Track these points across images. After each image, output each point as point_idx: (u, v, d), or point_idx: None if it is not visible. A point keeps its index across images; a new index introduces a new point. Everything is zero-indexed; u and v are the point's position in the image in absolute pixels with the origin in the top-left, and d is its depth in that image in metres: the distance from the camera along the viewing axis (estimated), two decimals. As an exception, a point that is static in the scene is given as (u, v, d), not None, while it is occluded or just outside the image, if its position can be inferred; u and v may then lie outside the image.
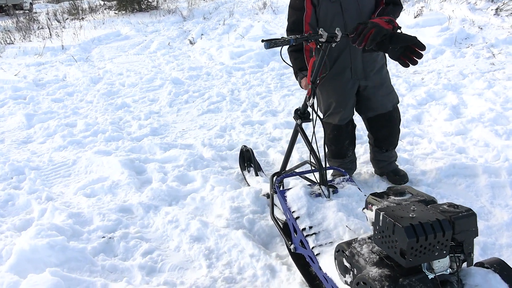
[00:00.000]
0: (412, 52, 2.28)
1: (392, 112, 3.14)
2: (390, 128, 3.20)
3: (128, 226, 3.02)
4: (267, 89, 5.97)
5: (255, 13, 12.88)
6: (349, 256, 1.83)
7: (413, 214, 1.65)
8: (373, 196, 1.96)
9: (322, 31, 2.19)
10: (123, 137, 4.51)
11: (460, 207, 1.76)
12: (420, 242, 1.58)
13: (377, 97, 3.05)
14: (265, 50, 7.90)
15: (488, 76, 5.81)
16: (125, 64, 7.96)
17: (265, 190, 3.17)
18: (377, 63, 2.97)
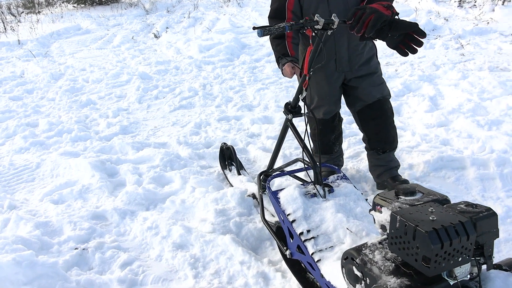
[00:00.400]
0: (412, 40, 2.14)
1: (381, 102, 2.90)
2: (380, 121, 2.95)
3: (103, 235, 2.76)
4: (240, 83, 5.76)
5: (220, 6, 12.62)
6: (361, 264, 1.66)
7: (434, 217, 1.50)
8: (381, 196, 1.80)
9: (318, 17, 2.01)
10: (91, 137, 4.20)
11: (479, 207, 1.62)
12: (445, 248, 1.43)
13: (363, 86, 2.86)
14: (235, 43, 7.70)
15: (460, 67, 5.81)
16: (88, 59, 7.56)
17: (250, 190, 2.98)
18: (364, 55, 2.80)
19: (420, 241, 1.44)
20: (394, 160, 3.11)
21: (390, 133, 3.01)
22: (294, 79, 3.32)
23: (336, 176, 2.44)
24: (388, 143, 3.02)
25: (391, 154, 3.07)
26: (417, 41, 2.13)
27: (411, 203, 1.70)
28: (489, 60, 6.06)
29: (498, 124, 3.88)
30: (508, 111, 4.13)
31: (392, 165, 3.08)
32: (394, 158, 3.11)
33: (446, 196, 1.76)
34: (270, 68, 6.31)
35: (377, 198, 1.80)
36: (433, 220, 1.49)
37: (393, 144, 3.05)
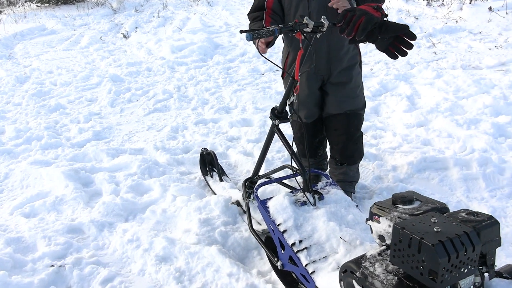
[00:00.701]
0: (401, 42, 2.08)
1: (348, 115, 2.77)
2: (341, 133, 2.81)
3: (81, 250, 2.61)
4: (216, 84, 5.64)
5: (189, 5, 12.43)
6: (361, 278, 1.59)
7: (438, 228, 1.45)
8: (379, 205, 1.74)
9: (307, 20, 1.93)
10: (62, 144, 4.01)
11: (481, 215, 1.58)
12: (452, 260, 1.38)
13: (335, 95, 2.75)
14: (207, 43, 7.56)
15: (434, 66, 5.87)
16: (55, 61, 7.27)
17: (234, 197, 2.88)
18: (344, 61, 2.68)
19: (426, 254, 1.38)
20: (349, 175, 2.97)
21: (348, 148, 2.86)
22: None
23: (325, 182, 2.37)
24: (345, 157, 2.89)
25: (349, 167, 2.94)
26: (407, 43, 2.08)
27: (410, 213, 1.65)
28: (461, 58, 6.15)
29: (477, 123, 3.91)
30: (484, 110, 4.17)
31: (346, 179, 2.97)
32: (350, 172, 2.96)
33: (444, 204, 1.72)
34: (245, 69, 6.22)
35: (374, 208, 1.74)
36: (438, 231, 1.43)
37: (351, 160, 2.91)
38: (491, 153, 3.42)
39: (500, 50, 6.41)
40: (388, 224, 1.64)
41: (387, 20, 2.06)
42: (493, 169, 3.17)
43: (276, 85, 5.45)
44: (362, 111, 2.83)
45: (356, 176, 3.01)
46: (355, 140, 2.85)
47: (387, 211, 1.69)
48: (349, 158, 2.89)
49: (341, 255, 1.98)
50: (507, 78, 5.04)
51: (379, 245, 1.74)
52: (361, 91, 2.81)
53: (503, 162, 3.26)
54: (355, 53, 2.72)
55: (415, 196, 1.76)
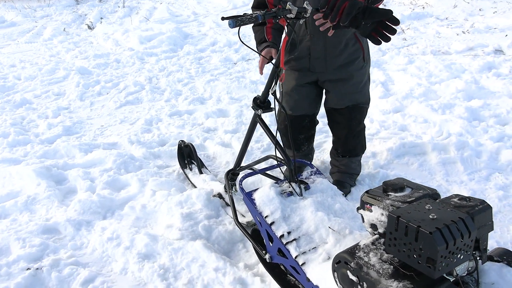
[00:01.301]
0: (385, 28, 2.05)
1: (350, 109, 2.74)
2: (345, 128, 2.82)
3: (58, 251, 2.50)
4: (188, 74, 5.52)
5: (155, -6, 12.14)
6: (356, 268, 1.56)
7: (434, 215, 1.43)
8: (370, 194, 1.71)
9: (290, 5, 1.88)
10: (31, 140, 3.82)
11: (473, 200, 1.58)
12: (449, 247, 1.36)
13: (336, 92, 2.71)
14: (176, 33, 7.40)
15: (405, 52, 5.93)
16: (17, 54, 6.96)
17: (216, 190, 2.82)
18: (341, 58, 2.60)
19: (423, 242, 1.36)
20: (351, 167, 2.97)
21: (350, 141, 2.86)
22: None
23: (309, 171, 2.34)
24: (347, 151, 2.90)
25: (350, 160, 2.94)
26: (390, 29, 2.05)
27: (403, 200, 1.63)
28: (430, 44, 6.23)
29: (451, 108, 3.96)
30: (457, 94, 4.23)
31: (347, 170, 2.97)
32: (352, 165, 2.97)
33: (435, 190, 1.71)
34: (217, 58, 6.12)
35: (366, 196, 1.72)
36: (434, 218, 1.42)
37: (353, 152, 2.92)
38: (467, 137, 3.47)
39: (467, 35, 6.53)
40: (381, 212, 1.62)
41: (370, 6, 2.02)
42: (470, 152, 3.21)
43: (250, 74, 5.39)
44: (366, 105, 2.80)
45: (358, 169, 3.00)
46: (356, 133, 2.84)
47: (379, 199, 1.66)
48: (351, 151, 2.90)
49: (331, 245, 1.96)
50: (476, 62, 5.14)
51: (371, 234, 1.72)
52: (364, 86, 2.75)
53: (479, 145, 3.31)
54: (356, 48, 2.62)
55: (405, 183, 1.74)
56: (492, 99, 4.16)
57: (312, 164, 2.43)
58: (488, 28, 6.69)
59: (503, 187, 2.91)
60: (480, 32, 6.55)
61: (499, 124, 3.72)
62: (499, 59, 5.22)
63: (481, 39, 6.14)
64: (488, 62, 5.06)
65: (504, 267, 1.63)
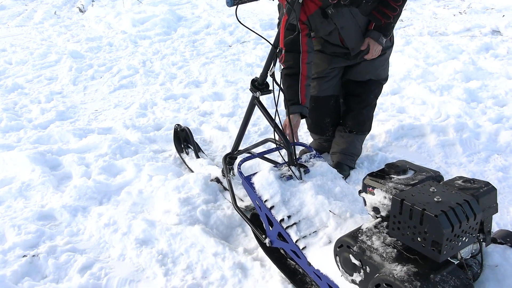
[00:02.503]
0: (386, 6, 2.01)
1: (370, 83, 2.75)
2: (360, 100, 2.81)
3: (54, 237, 2.46)
4: (183, 57, 5.43)
5: (148, -24, 11.91)
6: (359, 252, 1.54)
7: (438, 198, 1.41)
8: (372, 177, 1.69)
9: (290, -17, 1.82)
10: (24, 126, 3.75)
11: (477, 182, 1.55)
12: (455, 231, 1.34)
13: (359, 68, 2.71)
14: (170, 15, 7.28)
15: (402, 33, 5.87)
16: (7, 38, 6.82)
17: (213, 174, 2.79)
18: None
19: (429, 225, 1.34)
20: (354, 146, 2.92)
21: (363, 114, 2.86)
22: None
23: (308, 155, 2.30)
24: (357, 125, 2.87)
25: (356, 138, 2.90)
26: (391, 7, 2.01)
27: (406, 183, 1.60)
28: (427, 25, 6.17)
29: (449, 89, 3.92)
30: (455, 76, 4.20)
31: (349, 150, 2.91)
32: (356, 143, 2.93)
33: (438, 172, 1.68)
34: (211, 41, 6.03)
35: (368, 180, 1.69)
36: (439, 201, 1.39)
37: (362, 128, 2.89)
38: (465, 118, 3.45)
39: (464, 16, 6.48)
40: (384, 195, 1.60)
41: (371, -17, 1.97)
42: (469, 134, 3.19)
43: (245, 57, 5.31)
44: (384, 82, 2.82)
45: (360, 150, 2.97)
46: (370, 107, 2.86)
47: (381, 182, 1.64)
48: (361, 125, 2.88)
49: (331, 229, 1.94)
50: (474, 43, 5.10)
51: (373, 217, 1.69)
52: (387, 63, 2.77)
53: (478, 127, 3.29)
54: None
55: (408, 165, 1.71)
56: (490, 80, 4.13)
57: (311, 148, 2.40)
58: (485, 8, 6.63)
59: (502, 168, 2.89)
60: (477, 12, 6.49)
61: (498, 105, 3.70)
62: (496, 39, 5.18)
63: (478, 19, 6.09)
64: (486, 43, 5.02)
65: (507, 249, 1.61)
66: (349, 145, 2.89)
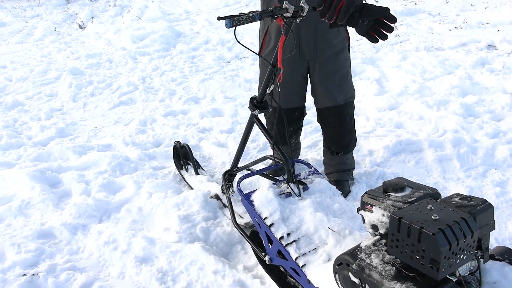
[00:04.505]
0: (382, 26, 2.04)
1: (342, 107, 2.76)
2: (339, 126, 2.82)
3: (54, 256, 2.47)
4: (182, 74, 5.48)
5: (147, -8, 12.05)
6: (358, 270, 1.55)
7: (436, 216, 1.42)
8: (370, 194, 1.70)
9: (287, 4, 1.86)
10: (24, 143, 3.77)
11: (474, 199, 1.57)
12: (452, 248, 1.35)
13: (326, 86, 2.69)
14: (169, 32, 7.35)
15: (399, 48, 5.93)
16: (8, 55, 6.88)
17: (213, 191, 2.80)
18: (332, 46, 2.59)
19: (427, 243, 1.35)
20: (347, 163, 2.97)
21: (345, 138, 2.88)
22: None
23: (307, 171, 2.32)
24: (342, 147, 2.91)
25: (345, 156, 2.94)
26: (388, 26, 2.04)
27: (403, 201, 1.62)
28: (423, 40, 6.23)
29: (446, 104, 3.96)
30: (452, 91, 4.24)
31: (344, 167, 2.96)
32: (347, 161, 2.97)
33: (436, 189, 1.70)
34: (210, 57, 6.08)
35: (366, 197, 1.71)
36: (436, 219, 1.41)
37: (348, 148, 2.93)
38: (462, 133, 3.48)
39: (459, 31, 6.54)
40: (382, 213, 1.61)
41: (367, 3, 2.00)
42: (466, 149, 3.22)
43: (244, 73, 5.36)
44: (353, 98, 2.81)
45: (353, 163, 3.01)
46: (350, 129, 2.86)
47: (379, 200, 1.65)
48: (345, 147, 2.91)
49: (331, 246, 1.95)
50: (470, 58, 5.15)
51: (372, 235, 1.70)
52: (350, 78, 2.77)
53: (475, 142, 3.32)
54: (344, 36, 2.64)
55: (405, 183, 1.73)
56: (487, 95, 4.17)
57: (310, 164, 2.42)
58: (480, 23, 6.71)
59: (500, 183, 2.91)
60: (473, 27, 6.56)
61: (494, 120, 3.73)
62: (492, 54, 5.23)
63: (473, 34, 6.15)
64: (481, 57, 5.07)
65: (506, 265, 1.62)
66: (342, 164, 2.94)
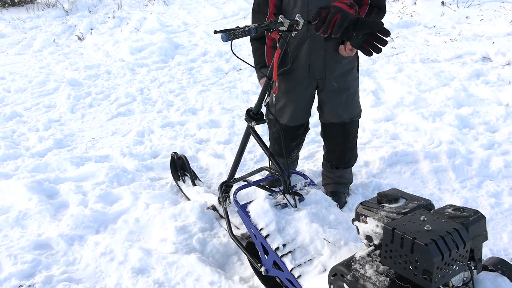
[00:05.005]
0: (376, 39, 2.08)
1: (347, 125, 2.78)
2: (342, 142, 2.84)
3: (50, 267, 2.47)
4: (180, 85, 5.51)
5: (145, 4, 12.13)
6: (352, 280, 1.57)
7: (429, 227, 1.44)
8: (365, 206, 1.72)
9: (282, 18, 1.89)
10: (21, 154, 3.79)
11: (467, 210, 1.59)
12: (445, 259, 1.37)
13: (333, 103, 2.72)
14: (167, 43, 7.40)
15: (395, 60, 5.98)
16: (6, 66, 6.91)
17: (210, 202, 2.81)
18: (341, 65, 2.61)
19: (419, 254, 1.37)
20: (345, 177, 3.00)
21: (346, 154, 2.90)
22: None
23: (303, 182, 2.34)
24: (343, 163, 2.94)
25: (344, 171, 2.98)
26: (381, 40, 2.07)
27: (397, 212, 1.63)
28: (419, 52, 6.29)
29: (441, 115, 3.99)
30: (447, 102, 4.27)
31: (342, 181, 2.99)
32: (346, 175, 3.00)
33: (429, 201, 1.73)
34: (208, 69, 6.12)
35: (361, 208, 1.72)
36: (429, 230, 1.43)
37: (348, 164, 2.96)
38: (457, 144, 3.50)
39: (455, 43, 6.60)
40: (376, 224, 1.63)
41: (361, 17, 2.04)
42: (462, 160, 3.24)
43: (242, 84, 5.40)
44: (359, 117, 2.84)
45: (351, 178, 3.03)
46: (352, 146, 2.88)
47: (374, 211, 1.67)
48: (347, 163, 2.94)
49: (326, 257, 1.96)
50: (465, 70, 5.19)
51: (366, 245, 1.72)
52: (358, 97, 2.79)
53: (470, 153, 3.34)
54: (353, 57, 2.65)
55: (399, 194, 1.75)
56: (481, 106, 4.20)
57: (306, 175, 2.44)
58: (475, 35, 6.77)
59: (495, 194, 2.93)
60: (468, 39, 6.63)
61: (489, 131, 3.76)
62: (487, 66, 5.28)
63: (468, 46, 6.21)
64: (476, 69, 5.12)
65: (498, 276, 1.63)
66: (340, 177, 2.98)
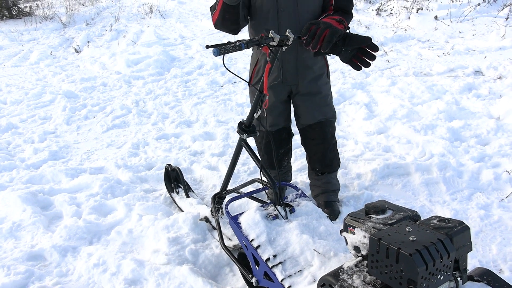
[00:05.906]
0: (365, 54, 2.13)
1: (323, 124, 2.84)
2: (321, 143, 2.88)
3: (43, 278, 2.48)
4: (175, 98, 5.57)
5: (142, 17, 12.25)
6: (340, 290, 1.59)
7: (413, 237, 1.47)
8: (352, 217, 1.75)
9: (273, 33, 1.94)
10: (16, 166, 3.81)
11: (451, 221, 1.62)
12: (429, 269, 1.40)
13: (307, 105, 2.79)
14: (163, 56, 7.47)
15: (388, 73, 6.05)
16: (3, 78, 6.96)
17: (203, 213, 2.83)
18: (312, 71, 2.70)
19: (404, 264, 1.40)
20: (332, 183, 3.03)
21: (327, 156, 2.93)
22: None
23: (294, 194, 2.37)
24: (325, 166, 2.97)
25: (330, 176, 3.00)
26: (370, 55, 2.13)
27: (384, 222, 1.67)
28: (412, 66, 6.37)
29: (433, 128, 4.04)
30: (439, 115, 4.33)
31: (330, 188, 3.02)
32: (333, 181, 3.03)
33: (416, 212, 1.76)
34: (203, 81, 6.18)
35: (348, 219, 1.76)
36: (414, 240, 1.46)
37: (331, 168, 2.99)
38: (448, 157, 3.55)
39: (448, 57, 6.69)
40: (363, 235, 1.66)
41: (350, 33, 2.10)
42: (452, 172, 3.28)
43: (236, 97, 5.45)
44: (334, 119, 2.91)
45: (338, 184, 3.07)
46: (331, 147, 2.93)
47: (361, 221, 1.70)
48: (329, 166, 2.97)
49: (316, 268, 1.98)
50: (457, 83, 5.26)
51: (355, 256, 1.75)
52: (330, 100, 2.87)
53: (461, 166, 3.38)
54: (323, 63, 2.75)
55: (387, 205, 1.78)
56: (473, 120, 4.26)
57: (297, 187, 2.47)
58: (468, 50, 6.87)
59: (485, 206, 2.97)
60: (460, 54, 6.72)
61: (480, 144, 3.81)
62: (478, 80, 5.35)
63: (461, 60, 6.30)
64: (468, 83, 5.19)
65: (484, 286, 1.66)
66: (327, 183, 3.00)
